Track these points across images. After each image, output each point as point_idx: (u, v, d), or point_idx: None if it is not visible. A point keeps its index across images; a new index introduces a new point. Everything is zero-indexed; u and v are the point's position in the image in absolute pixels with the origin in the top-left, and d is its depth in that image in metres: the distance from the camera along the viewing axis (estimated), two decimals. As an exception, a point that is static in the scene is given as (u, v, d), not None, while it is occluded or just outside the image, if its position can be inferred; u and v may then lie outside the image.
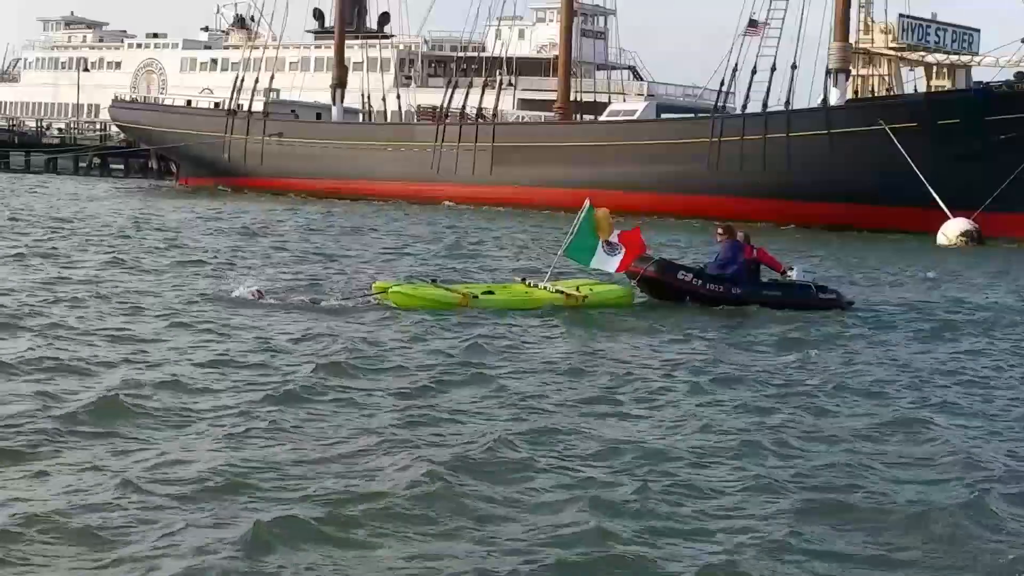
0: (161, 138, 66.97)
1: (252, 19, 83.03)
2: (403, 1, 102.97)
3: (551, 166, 51.73)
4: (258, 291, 17.78)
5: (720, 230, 19.87)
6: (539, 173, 51.77)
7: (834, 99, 48.45)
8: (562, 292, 18.58)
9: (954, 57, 54.70)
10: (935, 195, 42.58)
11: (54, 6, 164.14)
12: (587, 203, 19.12)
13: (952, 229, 41.62)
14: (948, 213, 42.20)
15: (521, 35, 73.21)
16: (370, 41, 72.34)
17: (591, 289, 18.95)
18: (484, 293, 18.47)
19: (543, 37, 73.64)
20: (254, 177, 62.38)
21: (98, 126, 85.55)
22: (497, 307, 17.84)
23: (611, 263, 18.91)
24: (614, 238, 18.81)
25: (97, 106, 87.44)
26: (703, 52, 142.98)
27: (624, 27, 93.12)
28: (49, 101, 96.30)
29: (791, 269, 20.02)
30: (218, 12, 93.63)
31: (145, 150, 73.20)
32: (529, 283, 19.14)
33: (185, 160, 67.40)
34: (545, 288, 18.71)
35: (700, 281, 18.94)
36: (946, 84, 54.77)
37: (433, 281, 18.98)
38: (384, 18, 78.08)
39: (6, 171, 72.82)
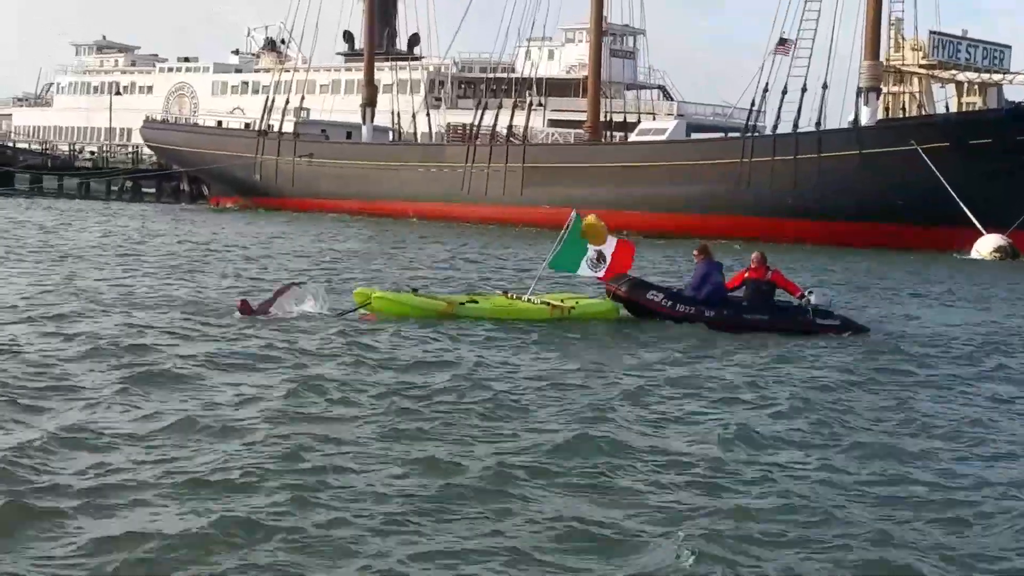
0: (192, 159, 67.40)
1: (282, 42, 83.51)
2: (433, 22, 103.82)
3: (582, 187, 51.73)
4: (243, 302, 17.71)
5: (696, 251, 19.26)
6: (570, 194, 51.75)
7: (865, 118, 48.36)
8: (548, 304, 18.50)
9: (985, 75, 54.52)
10: (968, 212, 42.45)
11: (86, 31, 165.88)
12: (574, 214, 19.13)
13: (986, 245, 41.85)
14: (982, 230, 42.19)
15: (550, 55, 73.45)
16: (400, 63, 72.68)
17: (576, 302, 18.87)
18: (467, 303, 18.40)
19: (572, 57, 73.77)
20: (285, 197, 62.71)
21: (129, 149, 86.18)
22: (482, 316, 17.77)
23: (596, 273, 18.95)
24: (607, 249, 18.78)
25: (129, 130, 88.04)
26: (733, 71, 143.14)
27: (654, 47, 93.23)
28: (82, 125, 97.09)
29: (810, 294, 19.12)
30: (248, 35, 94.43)
31: (176, 172, 73.63)
32: (511, 295, 19.10)
33: (216, 180, 67.81)
34: (529, 300, 18.64)
35: (670, 302, 18.52)
36: (977, 101, 54.60)
37: (414, 291, 18.95)
38: (414, 39, 78.47)
39: (39, 195, 73.38)
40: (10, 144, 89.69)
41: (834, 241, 45.27)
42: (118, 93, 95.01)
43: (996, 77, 54.40)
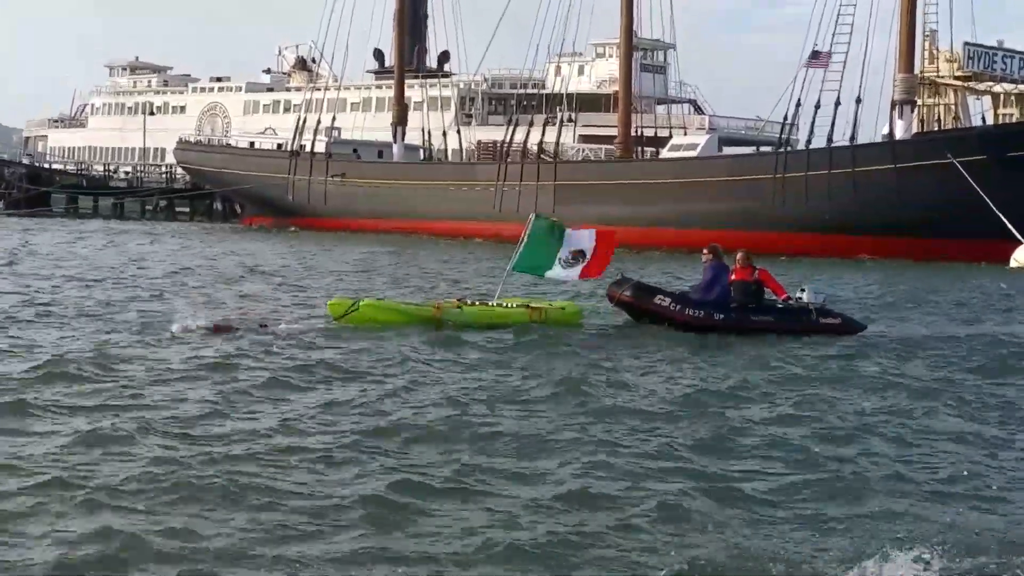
0: (226, 179, 67.64)
1: (313, 60, 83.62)
2: (463, 39, 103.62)
3: (614, 204, 51.49)
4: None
5: (706, 251, 19.05)
6: (602, 211, 51.51)
7: (899, 131, 48.01)
8: (527, 307, 18.75)
9: (1022, 86, 53.97)
10: (1007, 222, 42.08)
11: (120, 52, 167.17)
12: (532, 216, 19.09)
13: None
14: (1021, 238, 41.88)
15: (581, 71, 73.12)
16: (430, 80, 72.62)
17: (545, 306, 19.23)
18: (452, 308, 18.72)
19: (603, 72, 73.42)
20: (318, 217, 62.79)
21: (163, 169, 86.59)
22: (469, 321, 18.00)
23: (571, 273, 18.79)
24: (587, 243, 18.60)
25: (163, 150, 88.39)
26: (765, 84, 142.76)
27: (684, 61, 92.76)
28: (116, 146, 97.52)
29: (802, 292, 19.09)
30: (279, 54, 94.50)
31: (210, 192, 73.89)
32: (469, 302, 19.15)
33: (249, 201, 68.02)
34: (499, 305, 18.84)
35: (678, 306, 18.36)
36: (1014, 112, 54.06)
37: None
38: (444, 56, 78.35)
39: (74, 216, 73.75)
40: (45, 165, 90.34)
41: (870, 255, 44.87)
42: (151, 113, 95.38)
43: (1034, 87, 53.87)
